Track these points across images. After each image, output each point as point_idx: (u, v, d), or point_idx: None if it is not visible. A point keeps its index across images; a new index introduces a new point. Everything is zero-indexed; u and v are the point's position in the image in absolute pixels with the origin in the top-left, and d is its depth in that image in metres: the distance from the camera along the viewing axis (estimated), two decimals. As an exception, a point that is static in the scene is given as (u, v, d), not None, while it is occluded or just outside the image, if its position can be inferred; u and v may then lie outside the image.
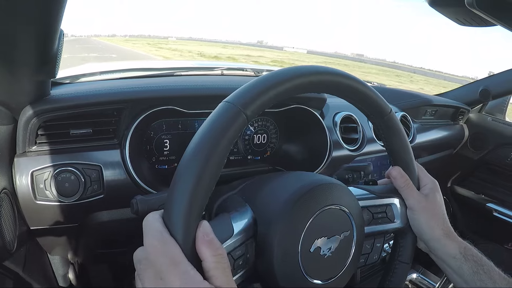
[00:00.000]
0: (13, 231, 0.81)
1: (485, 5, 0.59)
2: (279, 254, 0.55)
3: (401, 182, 0.71)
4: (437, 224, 0.69)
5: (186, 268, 0.41)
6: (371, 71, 35.86)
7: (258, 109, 0.49)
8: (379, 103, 0.64)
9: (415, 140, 1.65)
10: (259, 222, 0.58)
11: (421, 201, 0.70)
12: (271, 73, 0.53)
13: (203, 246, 0.43)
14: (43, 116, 0.82)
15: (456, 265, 0.67)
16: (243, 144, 1.16)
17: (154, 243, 0.42)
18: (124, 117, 0.91)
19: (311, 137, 1.18)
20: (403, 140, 0.70)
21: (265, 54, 51.13)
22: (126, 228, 0.97)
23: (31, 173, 0.82)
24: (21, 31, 0.55)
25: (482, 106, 2.12)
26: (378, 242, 0.75)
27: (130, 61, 4.93)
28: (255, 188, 0.69)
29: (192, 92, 0.99)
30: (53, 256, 1.17)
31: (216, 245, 0.44)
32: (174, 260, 0.41)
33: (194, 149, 0.45)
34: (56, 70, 0.72)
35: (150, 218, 0.46)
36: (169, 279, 0.40)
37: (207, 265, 0.43)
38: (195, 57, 30.76)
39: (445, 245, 0.68)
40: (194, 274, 0.41)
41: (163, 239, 0.42)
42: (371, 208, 0.71)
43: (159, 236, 0.43)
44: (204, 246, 0.43)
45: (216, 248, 0.44)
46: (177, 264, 0.41)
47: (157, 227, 0.44)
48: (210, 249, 0.43)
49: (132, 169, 0.89)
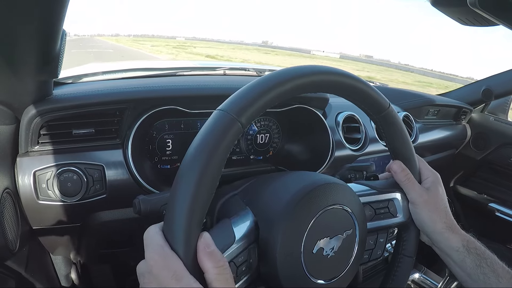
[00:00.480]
0: (16, 231, 0.81)
1: (487, 5, 0.59)
2: (281, 256, 0.54)
3: (402, 176, 0.70)
4: (439, 217, 0.69)
5: (189, 282, 0.41)
6: (399, 77, 34.48)
7: (254, 116, 0.49)
8: (376, 99, 0.63)
9: (417, 140, 1.65)
10: (260, 226, 0.58)
11: (422, 194, 0.70)
12: (265, 77, 0.52)
13: (205, 258, 0.43)
14: (45, 116, 0.82)
15: (459, 258, 0.67)
16: (246, 144, 1.16)
17: (155, 258, 0.42)
18: (127, 117, 0.91)
19: (313, 137, 1.18)
20: (402, 134, 0.69)
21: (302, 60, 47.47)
22: (129, 228, 0.97)
23: (34, 172, 0.82)
24: (23, 31, 0.55)
25: (485, 106, 2.11)
26: (381, 238, 0.75)
27: (132, 61, 4.93)
28: (257, 189, 0.69)
29: (195, 92, 0.99)
30: (55, 256, 1.17)
31: (218, 256, 0.44)
32: (176, 275, 0.41)
33: (189, 162, 0.44)
34: (59, 70, 0.72)
35: (151, 232, 0.46)
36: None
37: (209, 276, 0.43)
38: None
39: (447, 238, 0.68)
40: (197, 287, 0.41)
41: (164, 254, 0.42)
42: (373, 204, 0.71)
43: (160, 250, 0.43)
44: (205, 258, 0.43)
45: (218, 260, 0.44)
46: (180, 279, 0.41)
47: (158, 240, 0.44)
48: (211, 261, 0.43)
49: (135, 169, 0.89)
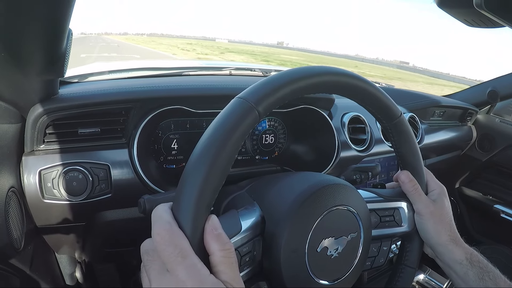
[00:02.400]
0: (21, 229, 0.81)
1: (493, 6, 0.59)
2: (286, 253, 0.55)
3: (410, 187, 0.71)
4: (444, 229, 0.69)
5: (194, 261, 0.41)
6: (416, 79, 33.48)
7: (271, 107, 0.49)
8: (389, 106, 0.63)
9: (423, 141, 1.64)
10: (267, 220, 0.58)
11: (428, 206, 0.70)
12: (285, 72, 0.53)
13: (211, 240, 0.43)
14: (51, 115, 0.82)
15: (462, 271, 0.67)
16: (251, 144, 1.16)
17: (162, 233, 0.42)
18: (132, 116, 0.91)
19: (319, 137, 1.18)
20: (412, 144, 0.69)
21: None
22: (133, 228, 0.97)
23: (39, 171, 0.82)
24: (29, 30, 0.55)
25: (490, 108, 2.10)
26: (385, 246, 0.75)
27: (138, 60, 4.95)
28: (263, 188, 0.69)
29: (201, 92, 0.98)
30: (60, 254, 1.17)
31: (225, 239, 0.44)
32: (181, 252, 0.41)
33: (206, 143, 0.45)
34: (65, 69, 0.72)
35: (159, 209, 0.46)
36: (175, 271, 0.40)
37: (215, 259, 0.43)
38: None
39: (451, 251, 0.68)
40: (201, 268, 0.41)
41: (171, 230, 0.42)
42: (378, 211, 0.71)
43: (168, 226, 0.42)
44: (212, 240, 0.43)
45: (224, 243, 0.44)
46: (185, 257, 0.40)
47: (166, 217, 0.43)
48: (218, 243, 0.43)
49: (140, 168, 0.89)
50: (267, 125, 1.17)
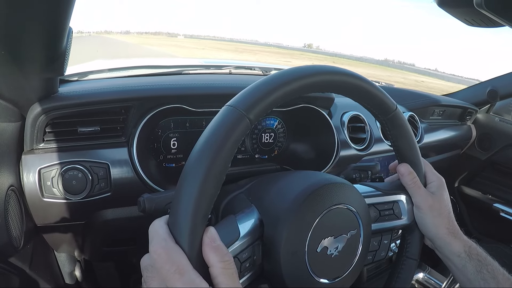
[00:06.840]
0: (20, 228, 0.81)
1: (493, 6, 0.59)
2: (285, 256, 0.54)
3: (409, 180, 0.71)
4: (442, 222, 0.69)
5: (191, 277, 0.41)
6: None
7: (262, 112, 0.49)
8: (383, 100, 0.63)
9: (422, 140, 1.64)
10: (265, 223, 0.58)
11: (427, 199, 0.70)
12: (274, 75, 0.52)
13: (210, 253, 0.43)
14: (51, 114, 0.82)
15: (460, 264, 0.68)
16: (251, 143, 1.16)
17: (159, 251, 0.42)
18: (132, 115, 0.91)
19: (318, 136, 1.18)
20: (409, 137, 0.70)
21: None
22: (133, 226, 0.97)
23: (39, 170, 0.82)
24: (29, 28, 0.55)
25: (490, 107, 2.11)
26: (385, 239, 0.75)
27: (138, 59, 4.92)
28: (262, 188, 0.69)
29: (201, 91, 0.98)
30: (59, 253, 1.17)
31: (223, 251, 0.44)
32: (179, 269, 0.41)
33: (197, 155, 0.44)
34: (65, 67, 0.72)
35: (156, 225, 0.46)
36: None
37: (215, 271, 0.43)
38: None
39: (450, 243, 0.68)
40: (200, 283, 0.41)
41: (168, 247, 0.42)
42: (378, 205, 0.71)
43: (164, 244, 0.42)
44: (211, 252, 0.43)
45: (224, 255, 0.44)
46: (183, 274, 0.41)
47: (162, 234, 0.43)
48: (217, 255, 0.43)
49: (140, 167, 0.89)
50: (272, 122, 1.17)
